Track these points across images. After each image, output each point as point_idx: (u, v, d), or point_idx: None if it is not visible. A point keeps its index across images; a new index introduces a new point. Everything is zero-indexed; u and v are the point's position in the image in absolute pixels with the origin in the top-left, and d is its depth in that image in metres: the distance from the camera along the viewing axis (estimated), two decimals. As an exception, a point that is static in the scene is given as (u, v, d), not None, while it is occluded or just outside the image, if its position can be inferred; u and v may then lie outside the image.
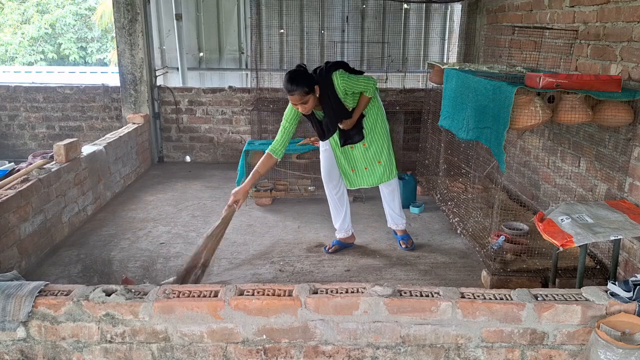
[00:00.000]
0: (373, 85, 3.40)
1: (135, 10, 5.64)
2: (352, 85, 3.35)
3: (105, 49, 16.16)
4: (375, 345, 2.27)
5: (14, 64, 15.46)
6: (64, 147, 4.00)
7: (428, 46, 6.61)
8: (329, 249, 3.75)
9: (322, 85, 3.29)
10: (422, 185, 4.97)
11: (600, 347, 2.05)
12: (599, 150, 3.31)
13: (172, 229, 4.15)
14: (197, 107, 6.15)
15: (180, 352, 2.27)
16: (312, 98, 3.23)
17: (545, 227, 2.72)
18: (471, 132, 3.37)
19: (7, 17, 15.81)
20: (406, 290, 2.30)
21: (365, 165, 3.60)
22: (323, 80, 3.29)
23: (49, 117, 6.56)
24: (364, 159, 3.59)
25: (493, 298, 2.26)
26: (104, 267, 3.49)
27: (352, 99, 3.42)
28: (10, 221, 3.26)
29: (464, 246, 3.86)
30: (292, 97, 3.19)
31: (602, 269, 3.22)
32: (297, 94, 3.16)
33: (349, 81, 3.33)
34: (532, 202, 4.25)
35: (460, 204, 4.23)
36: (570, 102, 2.83)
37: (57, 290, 2.29)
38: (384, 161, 3.59)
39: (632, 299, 2.21)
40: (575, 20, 3.60)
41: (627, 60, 3.04)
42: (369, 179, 3.63)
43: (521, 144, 4.47)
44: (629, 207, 2.84)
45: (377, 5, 6.40)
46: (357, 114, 3.46)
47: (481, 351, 2.27)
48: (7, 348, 2.26)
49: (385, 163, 3.59)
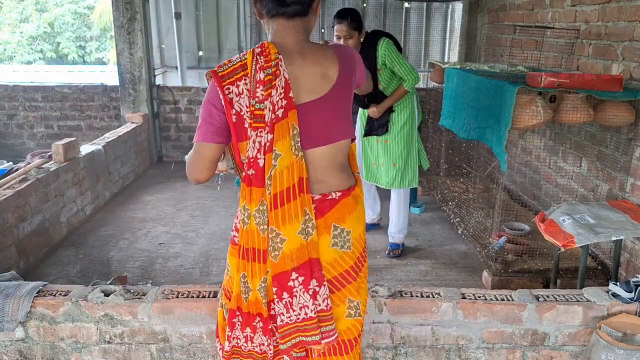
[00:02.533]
0: (414, 80, 3.26)
1: (134, 9, 5.61)
2: (392, 60, 3.23)
3: (104, 48, 16.15)
4: (376, 347, 2.26)
5: (12, 62, 15.45)
6: (62, 147, 3.99)
7: (429, 45, 6.59)
8: None
9: (366, 41, 3.25)
10: (422, 186, 4.96)
11: (602, 348, 2.04)
12: (601, 150, 3.30)
13: (171, 229, 4.14)
14: (196, 107, 6.13)
15: (179, 352, 2.26)
16: (355, 38, 3.19)
17: (546, 227, 2.70)
18: (472, 131, 3.36)
19: (6, 16, 15.79)
20: (407, 290, 2.29)
21: (383, 162, 3.55)
22: (368, 38, 3.22)
23: (48, 117, 6.54)
24: (382, 156, 3.54)
25: (494, 299, 2.25)
26: (103, 267, 3.47)
27: (388, 79, 3.32)
28: (9, 221, 3.25)
29: (464, 247, 3.85)
30: (339, 27, 3.16)
31: (603, 270, 3.21)
32: (346, 24, 3.14)
33: (391, 53, 3.22)
34: (534, 202, 4.24)
35: (461, 204, 4.22)
36: (571, 102, 2.81)
37: (56, 291, 2.28)
38: (399, 166, 3.50)
39: (633, 300, 2.20)
40: (576, 19, 3.59)
41: (628, 60, 3.03)
42: (382, 178, 3.57)
43: (522, 143, 4.46)
44: (631, 208, 2.83)
45: (378, 4, 6.38)
46: (388, 104, 3.36)
47: (482, 352, 2.26)
48: (5, 348, 2.25)
49: (400, 169, 3.51)
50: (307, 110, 1.54)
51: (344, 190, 1.61)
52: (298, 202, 1.50)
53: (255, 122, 1.49)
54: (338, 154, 1.62)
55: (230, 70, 1.51)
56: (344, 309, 1.62)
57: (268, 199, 1.50)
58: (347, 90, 1.62)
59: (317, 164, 1.58)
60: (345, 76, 1.59)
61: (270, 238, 1.52)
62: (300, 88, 1.53)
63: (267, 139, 1.49)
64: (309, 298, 1.54)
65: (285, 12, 1.53)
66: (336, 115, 1.58)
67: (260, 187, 1.51)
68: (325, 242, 1.57)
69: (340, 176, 1.62)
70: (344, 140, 1.62)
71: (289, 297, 1.55)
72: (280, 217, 1.51)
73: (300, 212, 1.51)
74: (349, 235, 1.60)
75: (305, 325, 1.56)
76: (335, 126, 1.59)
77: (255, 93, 1.48)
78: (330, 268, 1.58)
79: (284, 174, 1.49)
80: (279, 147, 1.49)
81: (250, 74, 1.49)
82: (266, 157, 1.49)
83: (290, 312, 1.56)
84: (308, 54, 1.56)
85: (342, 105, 1.61)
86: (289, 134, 1.49)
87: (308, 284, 1.54)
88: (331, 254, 1.58)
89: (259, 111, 1.48)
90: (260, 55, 1.50)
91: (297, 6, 1.53)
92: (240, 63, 1.52)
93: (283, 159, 1.49)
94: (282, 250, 1.52)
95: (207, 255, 3.66)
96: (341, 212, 1.59)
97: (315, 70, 1.55)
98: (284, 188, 1.50)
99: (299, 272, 1.54)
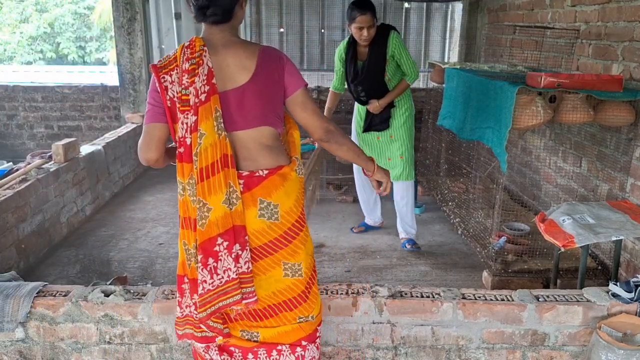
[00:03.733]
0: (415, 75, 3.45)
1: (134, 9, 5.62)
2: (400, 53, 3.39)
3: (104, 48, 16.15)
4: (376, 347, 2.26)
5: (12, 63, 15.44)
6: (62, 147, 3.99)
7: (429, 45, 6.59)
8: (355, 229, 4.01)
9: (378, 32, 3.37)
10: (422, 186, 4.96)
11: (602, 348, 2.04)
12: (601, 150, 3.30)
13: (171, 229, 4.14)
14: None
15: (179, 353, 2.26)
16: (375, 27, 3.34)
17: (546, 227, 2.70)
18: (472, 132, 3.36)
19: (6, 16, 15.79)
20: (407, 291, 2.29)
21: (389, 156, 3.60)
22: (380, 29, 3.37)
23: (48, 117, 6.54)
24: (389, 150, 3.60)
25: (494, 299, 2.25)
26: (103, 267, 3.47)
27: (393, 70, 3.46)
28: (9, 221, 3.25)
29: (464, 247, 3.84)
30: (363, 17, 3.26)
31: (603, 270, 3.21)
32: (369, 15, 3.27)
33: (400, 46, 3.39)
34: (534, 202, 4.24)
35: (461, 205, 4.22)
36: (571, 102, 2.81)
37: (56, 291, 2.28)
38: (405, 157, 3.58)
39: (633, 300, 2.20)
40: (576, 19, 3.59)
41: (628, 60, 3.03)
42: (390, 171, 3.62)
43: (522, 144, 4.46)
44: (631, 208, 2.83)
45: (378, 4, 6.36)
46: (389, 99, 3.46)
47: (482, 352, 2.26)
48: (5, 349, 2.25)
49: (406, 160, 3.59)
50: (227, 97, 1.73)
51: (271, 168, 1.79)
52: (222, 176, 1.69)
53: (183, 106, 1.69)
54: (262, 138, 1.79)
55: (166, 63, 1.75)
56: (280, 271, 1.81)
57: (196, 172, 1.69)
58: (268, 86, 1.78)
59: (244, 145, 1.77)
60: (264, 72, 1.76)
61: (198, 208, 1.70)
62: (223, 76, 1.73)
63: (192, 120, 1.68)
64: (231, 261, 1.71)
65: (206, 21, 1.75)
66: (254, 104, 1.75)
67: (189, 162, 1.71)
68: (252, 213, 1.76)
69: (268, 156, 1.80)
70: (265, 127, 1.79)
71: (213, 262, 1.71)
72: (206, 189, 1.69)
73: (224, 184, 1.69)
74: (276, 208, 1.79)
75: (227, 288, 1.72)
76: (252, 114, 1.76)
77: (181, 81, 1.70)
78: (259, 236, 1.77)
79: (209, 150, 1.68)
80: (203, 127, 1.68)
81: (179, 64, 1.71)
82: (192, 136, 1.69)
83: (214, 278, 1.71)
84: (231, 47, 1.76)
85: (261, 97, 1.77)
86: (212, 115, 1.68)
87: (232, 248, 1.71)
88: (258, 223, 1.77)
89: (185, 96, 1.69)
90: (188, 48, 1.72)
91: (217, 17, 1.74)
92: (173, 56, 1.75)
93: (207, 137, 1.68)
94: (209, 219, 1.69)
95: (207, 255, 3.66)
96: (267, 188, 1.77)
97: (235, 61, 1.74)
98: (208, 163, 1.68)
99: (224, 238, 1.71)
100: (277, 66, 1.79)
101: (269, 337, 1.84)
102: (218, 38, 1.76)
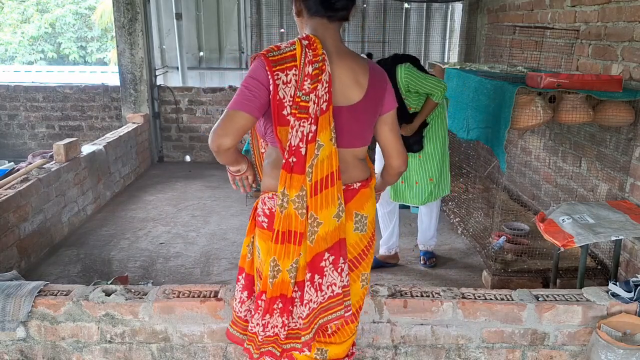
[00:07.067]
0: (442, 90, 3.10)
1: (135, 10, 5.63)
2: (416, 83, 3.09)
3: (105, 49, 16.15)
4: (376, 346, 2.27)
5: (13, 63, 15.46)
6: (63, 147, 4.00)
7: (429, 46, 6.60)
8: None
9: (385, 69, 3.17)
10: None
11: (601, 348, 2.05)
12: (600, 150, 3.30)
13: (172, 228, 4.15)
14: (197, 107, 6.15)
15: (180, 352, 2.27)
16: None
17: (546, 227, 2.71)
18: (472, 131, 3.36)
19: (7, 17, 15.80)
20: (407, 290, 2.29)
21: (417, 180, 3.31)
22: (386, 65, 3.07)
23: (49, 117, 6.55)
24: (417, 173, 3.31)
25: (494, 298, 2.25)
26: (104, 267, 3.48)
27: (416, 99, 3.17)
28: (10, 221, 3.26)
29: (464, 246, 3.85)
30: None
31: (603, 270, 3.22)
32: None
33: (413, 77, 3.08)
34: (533, 202, 4.25)
35: (461, 204, 4.23)
36: (571, 102, 2.82)
37: (57, 290, 2.29)
38: (435, 179, 3.31)
39: (633, 300, 2.21)
40: (576, 20, 3.60)
41: (628, 60, 3.03)
42: (416, 196, 3.33)
43: (522, 144, 4.47)
44: (630, 208, 2.84)
45: (378, 5, 6.39)
46: (420, 120, 3.17)
47: (482, 352, 2.27)
48: (6, 348, 2.26)
49: (437, 181, 3.32)
50: (340, 112, 1.64)
51: (363, 181, 1.75)
52: (335, 189, 1.62)
53: (300, 113, 1.55)
54: (359, 153, 1.76)
55: (280, 58, 1.56)
56: (359, 283, 1.80)
57: (308, 185, 1.60)
58: (374, 106, 1.70)
59: (343, 158, 1.68)
60: (375, 91, 1.68)
61: (309, 223, 1.62)
62: (336, 89, 1.62)
63: (311, 129, 1.56)
64: (337, 275, 1.67)
65: (333, 15, 1.61)
66: (362, 123, 1.69)
67: (300, 174, 1.59)
68: (349, 227, 1.73)
69: (360, 169, 1.75)
70: (362, 147, 1.75)
71: (319, 279, 1.66)
72: (318, 203, 1.61)
73: (336, 197, 1.63)
74: (365, 220, 1.77)
75: (330, 303, 1.68)
76: (358, 133, 1.70)
77: (302, 85, 1.54)
78: (352, 249, 1.75)
79: (325, 162, 1.60)
80: (322, 138, 1.58)
81: (299, 66, 1.55)
82: (308, 147, 1.57)
83: (318, 295, 1.66)
84: (344, 57, 1.65)
85: (369, 117, 1.70)
86: (330, 125, 1.59)
87: (337, 262, 1.67)
88: (353, 237, 1.74)
89: (304, 102, 1.55)
90: (309, 48, 1.56)
91: (344, 12, 1.62)
92: (290, 53, 1.57)
93: (325, 149, 1.59)
94: (318, 234, 1.63)
95: (207, 255, 3.67)
96: (360, 201, 1.74)
97: (349, 74, 1.63)
98: (323, 176, 1.60)
99: (330, 252, 1.66)
100: (383, 85, 1.72)
101: (334, 354, 1.81)
102: (331, 43, 1.63)
